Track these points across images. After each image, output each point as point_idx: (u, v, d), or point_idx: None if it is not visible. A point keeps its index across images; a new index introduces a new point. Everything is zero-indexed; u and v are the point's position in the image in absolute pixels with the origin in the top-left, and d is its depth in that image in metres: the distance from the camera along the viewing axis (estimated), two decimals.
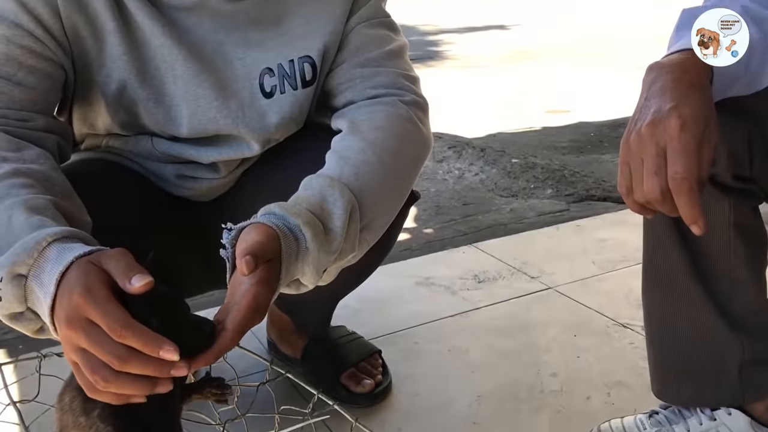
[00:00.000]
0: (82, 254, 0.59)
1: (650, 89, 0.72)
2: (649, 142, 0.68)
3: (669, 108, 0.67)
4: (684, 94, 0.69)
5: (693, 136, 0.66)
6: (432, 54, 6.63)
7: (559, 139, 3.16)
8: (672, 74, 0.71)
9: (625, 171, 0.72)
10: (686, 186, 0.66)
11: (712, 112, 0.70)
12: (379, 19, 0.95)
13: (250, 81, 0.90)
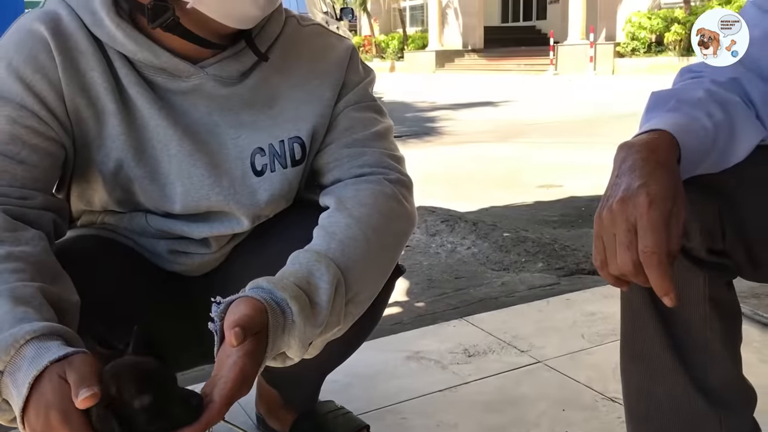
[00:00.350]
0: (56, 358, 0.63)
1: (621, 167, 0.76)
2: (621, 218, 0.71)
3: (638, 186, 0.71)
4: (652, 172, 0.73)
5: (661, 212, 0.70)
6: (428, 130, 6.78)
7: (551, 214, 3.20)
8: (640, 153, 0.75)
9: (599, 245, 0.75)
10: (656, 260, 0.69)
11: (680, 189, 0.73)
12: (366, 102, 1.00)
13: (242, 160, 0.94)
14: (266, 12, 0.89)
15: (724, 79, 0.87)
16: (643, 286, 0.73)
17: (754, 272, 0.91)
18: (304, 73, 0.97)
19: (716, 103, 0.83)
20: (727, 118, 0.82)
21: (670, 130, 0.77)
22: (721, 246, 0.87)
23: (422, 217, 3.14)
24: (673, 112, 0.82)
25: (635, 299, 0.94)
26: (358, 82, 0.99)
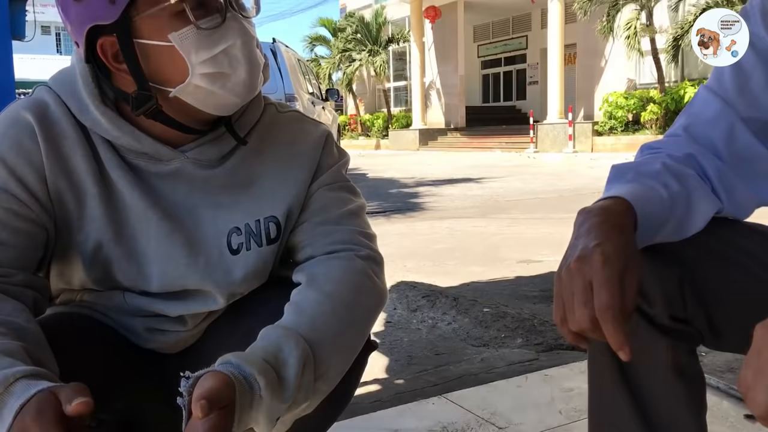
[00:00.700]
0: (42, 389, 0.65)
1: (579, 230, 0.80)
2: (578, 276, 0.74)
3: (593, 245, 0.75)
4: (607, 233, 0.77)
5: (614, 269, 0.73)
6: (411, 206, 6.87)
7: (530, 289, 3.24)
8: (597, 217, 0.79)
9: (559, 303, 0.77)
10: (610, 315, 0.72)
11: (633, 249, 0.77)
12: (340, 183, 1.04)
13: (219, 239, 0.97)
14: (246, 100, 0.94)
15: (681, 155, 0.93)
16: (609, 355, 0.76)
17: (716, 341, 0.94)
18: (281, 157, 1.02)
19: (673, 175, 0.88)
20: (684, 189, 0.87)
21: (627, 197, 0.82)
22: (683, 314, 0.90)
23: (403, 292, 3.16)
24: (631, 182, 0.87)
25: (601, 367, 0.95)
26: (332, 164, 1.04)
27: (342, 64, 23.49)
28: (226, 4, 0.89)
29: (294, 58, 8.66)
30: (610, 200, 0.82)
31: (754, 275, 0.89)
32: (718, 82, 0.95)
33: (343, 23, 23.86)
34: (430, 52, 22.27)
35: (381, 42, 22.53)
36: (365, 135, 24.28)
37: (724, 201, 0.91)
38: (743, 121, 0.92)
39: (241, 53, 0.89)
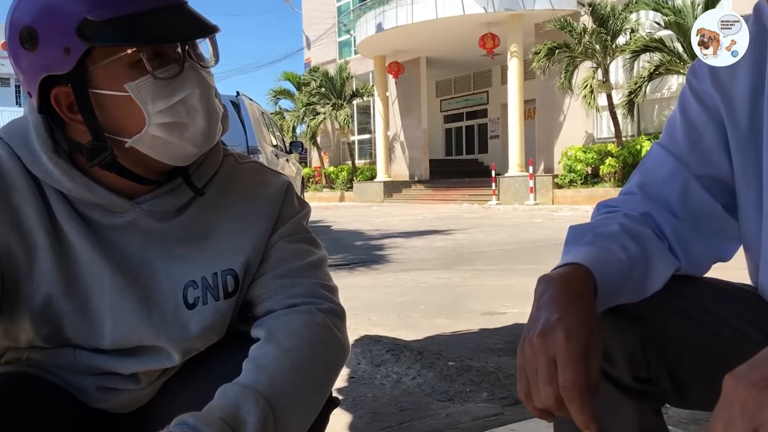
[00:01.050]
0: None
1: (540, 300, 0.79)
2: (541, 351, 0.73)
3: (556, 319, 0.74)
4: (569, 305, 0.75)
5: (577, 345, 0.72)
6: (375, 258, 6.85)
7: (495, 341, 3.22)
8: (557, 287, 0.78)
9: (522, 378, 0.76)
10: (575, 393, 0.70)
11: (596, 321, 0.76)
12: (300, 235, 1.03)
13: (174, 293, 0.94)
14: (204, 149, 0.93)
15: (637, 214, 0.93)
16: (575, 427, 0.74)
17: (680, 399, 0.93)
18: (240, 208, 1.00)
19: (630, 236, 0.88)
20: (642, 250, 0.87)
21: (586, 263, 0.81)
22: (646, 373, 0.89)
23: (367, 346, 3.11)
24: (589, 245, 0.87)
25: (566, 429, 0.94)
26: (292, 215, 1.03)
27: (306, 117, 23.72)
28: (184, 54, 0.88)
29: (258, 111, 8.70)
30: (569, 267, 0.81)
31: (715, 331, 0.89)
32: (671, 140, 0.97)
33: (308, 77, 24.17)
34: (394, 106, 22.64)
35: (345, 96, 22.85)
36: (330, 187, 24.37)
37: (681, 259, 0.92)
38: (697, 179, 0.93)
39: (199, 103, 0.88)
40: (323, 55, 26.42)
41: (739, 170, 0.92)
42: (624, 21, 14.23)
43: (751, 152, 0.89)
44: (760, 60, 0.88)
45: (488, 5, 16.51)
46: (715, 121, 0.93)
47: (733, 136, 0.91)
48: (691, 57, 12.72)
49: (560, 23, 14.78)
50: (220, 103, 0.93)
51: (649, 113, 15.83)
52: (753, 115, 0.89)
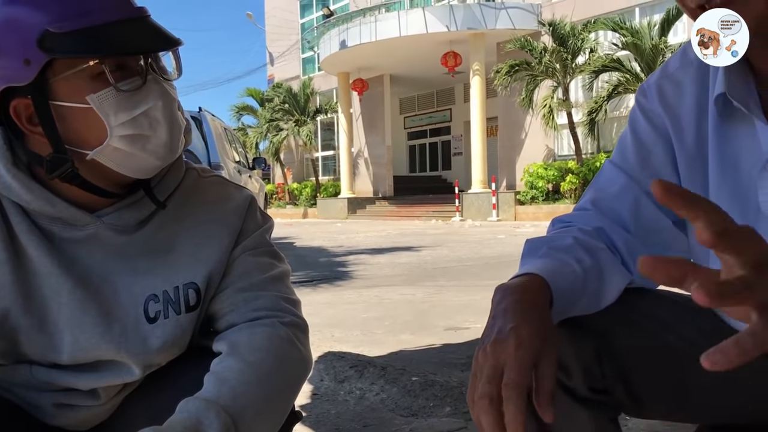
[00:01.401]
0: None
1: (496, 309, 0.80)
2: (491, 358, 0.73)
3: (509, 328, 0.75)
4: (523, 314, 0.76)
5: (528, 351, 0.72)
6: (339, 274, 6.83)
7: (458, 356, 3.23)
8: (513, 296, 0.80)
9: (473, 383, 0.75)
10: (515, 392, 0.70)
11: (550, 331, 0.77)
12: (263, 248, 1.03)
13: (135, 307, 0.93)
14: (166, 162, 0.93)
15: (591, 228, 0.96)
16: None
17: (635, 409, 0.95)
18: (203, 221, 1.00)
19: (584, 249, 0.90)
20: (595, 263, 0.89)
21: (542, 274, 0.83)
22: (601, 384, 0.91)
23: (331, 363, 3.10)
24: (544, 257, 0.89)
25: None
26: (255, 229, 1.03)
27: (269, 134, 23.63)
28: (147, 67, 0.88)
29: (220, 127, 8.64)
30: (525, 277, 0.83)
31: (667, 342, 0.91)
32: (622, 157, 1.00)
33: (271, 93, 24.13)
34: (358, 123, 22.71)
35: (309, 112, 22.85)
36: (293, 204, 24.27)
37: (633, 272, 0.94)
38: (647, 195, 0.96)
39: (162, 115, 0.88)
40: (287, 72, 26.42)
41: (687, 186, 0.94)
42: (583, 41, 14.55)
43: (698, 169, 0.93)
44: (704, 80, 0.92)
45: (451, 24, 16.73)
46: (663, 138, 0.96)
47: (680, 153, 0.94)
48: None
49: (521, 43, 15.05)
50: (182, 115, 0.93)
51: (608, 131, 16.17)
52: (699, 134, 0.92)
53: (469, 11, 16.87)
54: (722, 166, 0.89)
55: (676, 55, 0.98)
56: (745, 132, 0.86)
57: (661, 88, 0.96)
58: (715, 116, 0.89)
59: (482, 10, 16.83)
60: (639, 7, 15.32)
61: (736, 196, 0.88)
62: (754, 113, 0.83)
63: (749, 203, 0.86)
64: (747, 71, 0.85)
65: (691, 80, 0.93)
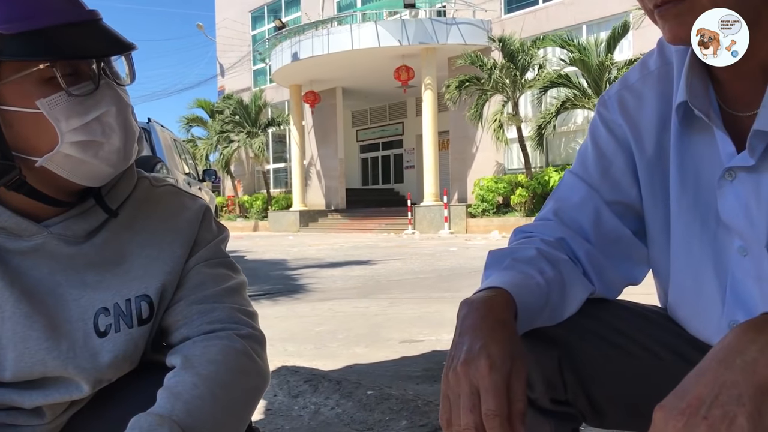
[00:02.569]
0: None
1: (463, 325, 0.79)
2: (464, 380, 0.73)
3: (479, 348, 0.74)
4: (491, 332, 0.76)
5: (501, 374, 0.73)
6: (291, 288, 6.77)
7: (414, 369, 3.22)
8: (480, 311, 0.79)
9: (445, 404, 0.76)
10: (497, 422, 0.71)
11: (518, 347, 0.77)
12: (219, 259, 1.00)
13: (85, 321, 0.89)
14: (119, 169, 0.89)
15: (553, 239, 0.96)
16: None
17: (598, 419, 0.96)
18: (155, 231, 0.96)
19: (547, 261, 0.90)
20: (558, 274, 0.89)
21: (507, 287, 0.82)
22: (563, 396, 0.91)
23: (284, 377, 3.05)
24: (508, 270, 0.88)
25: None
26: (210, 239, 1.00)
27: (220, 145, 23.36)
28: (100, 71, 0.85)
29: (170, 138, 8.50)
30: (491, 291, 0.83)
31: (628, 352, 0.92)
32: (583, 168, 1.01)
33: (221, 105, 23.88)
34: (310, 135, 22.65)
35: (260, 124, 22.68)
36: (243, 216, 24.01)
37: (595, 283, 0.95)
38: (608, 205, 0.97)
39: (116, 121, 0.85)
40: (238, 83, 26.20)
41: (647, 197, 0.96)
42: (532, 57, 14.84)
43: (658, 180, 0.94)
44: (666, 93, 0.93)
45: (403, 38, 16.87)
46: (624, 149, 0.97)
47: (640, 164, 0.95)
48: (595, 92, 13.38)
49: (472, 58, 15.26)
50: (136, 122, 0.90)
51: (557, 146, 16.50)
52: (659, 144, 0.93)
53: (421, 26, 17.04)
54: (683, 175, 0.90)
55: (635, 67, 1.00)
56: (704, 141, 0.88)
57: (622, 99, 0.97)
58: (677, 125, 0.90)
59: (434, 25, 17.02)
60: (586, 24, 15.72)
61: (697, 205, 0.89)
62: (714, 122, 0.84)
63: (709, 211, 0.88)
64: (707, 81, 0.87)
65: (652, 91, 0.95)
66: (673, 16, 0.78)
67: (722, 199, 0.85)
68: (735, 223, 0.84)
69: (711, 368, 0.59)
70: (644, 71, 0.97)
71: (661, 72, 0.95)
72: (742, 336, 0.60)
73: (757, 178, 0.81)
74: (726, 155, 0.84)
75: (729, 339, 0.61)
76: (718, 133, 0.85)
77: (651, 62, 0.97)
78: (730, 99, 0.86)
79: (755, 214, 0.82)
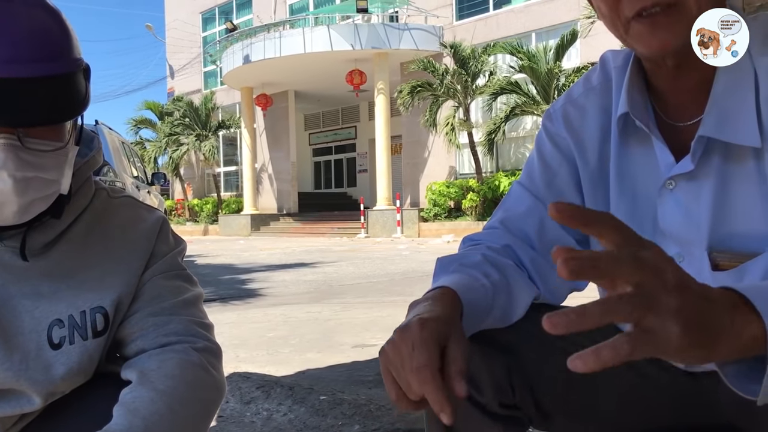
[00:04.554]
0: None
1: (407, 315, 0.81)
2: (401, 344, 0.73)
3: (414, 316, 0.76)
4: (430, 307, 0.78)
5: (432, 332, 0.73)
6: (242, 293, 6.71)
7: (366, 373, 3.24)
8: (425, 302, 0.81)
9: (389, 379, 0.74)
10: (428, 373, 0.70)
11: (455, 319, 0.79)
12: (175, 271, 1.00)
13: (38, 333, 0.89)
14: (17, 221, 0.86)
15: (499, 246, 1.00)
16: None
17: (545, 423, 0.99)
18: (112, 243, 0.96)
19: (492, 265, 0.94)
20: (503, 278, 0.93)
21: (452, 286, 0.85)
22: (512, 400, 0.94)
23: (236, 384, 3.03)
24: (455, 273, 0.91)
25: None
26: (167, 252, 1.00)
27: (169, 148, 22.97)
28: None
29: (118, 141, 8.34)
30: (437, 290, 0.85)
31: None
32: (529, 179, 1.05)
33: (171, 107, 23.50)
34: (262, 138, 22.46)
35: (210, 127, 22.39)
36: (193, 220, 23.65)
37: (540, 288, 0.98)
38: None
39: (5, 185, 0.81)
40: (188, 85, 25.81)
41: (590, 206, 1.00)
42: (483, 63, 15.04)
43: (600, 191, 0.98)
44: (607, 106, 0.98)
45: (355, 43, 16.90)
46: (568, 161, 1.01)
47: (584, 175, 1.00)
48: (544, 99, 13.65)
49: (424, 63, 15.38)
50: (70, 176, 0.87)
51: (507, 151, 16.75)
52: (601, 156, 0.98)
53: (374, 30, 17.09)
54: (621, 185, 0.95)
55: (579, 82, 1.04)
56: (643, 152, 0.92)
57: (566, 113, 1.02)
58: (617, 137, 0.94)
59: (386, 30, 17.09)
60: (535, 32, 16.01)
61: (634, 214, 0.94)
62: (653, 133, 0.89)
63: (646, 220, 0.92)
64: (647, 94, 0.92)
65: (594, 105, 0.99)
66: (663, 25, 0.80)
67: (662, 207, 0.90)
68: (674, 230, 0.89)
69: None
70: (587, 86, 1.02)
71: (603, 87, 0.99)
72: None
73: (697, 184, 0.86)
74: (665, 165, 0.89)
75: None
76: (657, 143, 0.89)
77: (593, 77, 1.02)
78: (670, 110, 0.91)
79: (695, 218, 0.86)
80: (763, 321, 0.57)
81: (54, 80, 0.80)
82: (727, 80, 0.83)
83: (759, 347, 0.57)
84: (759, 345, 0.57)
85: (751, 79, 0.82)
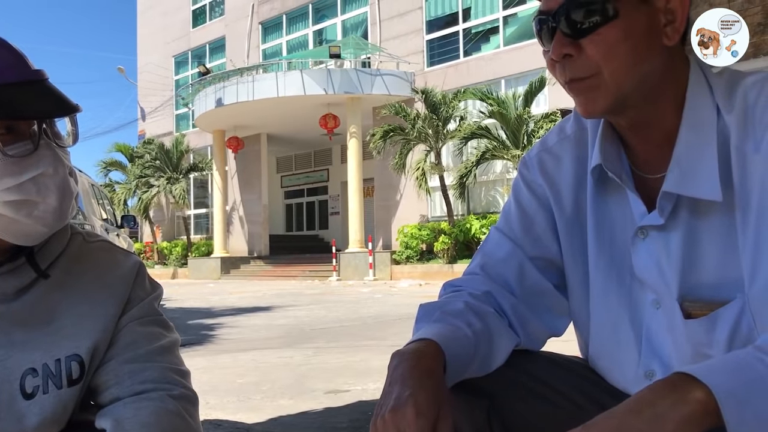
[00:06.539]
0: None
1: (393, 375, 0.82)
2: (392, 426, 0.76)
3: (407, 396, 0.77)
4: (420, 381, 0.79)
5: (427, 419, 0.75)
6: (211, 338, 6.61)
7: (340, 420, 3.19)
8: (409, 362, 0.82)
9: None
10: None
11: (446, 397, 0.80)
12: (152, 317, 0.99)
13: (10, 383, 0.87)
14: (54, 229, 0.88)
15: (480, 293, 1.01)
16: None
17: None
18: (88, 289, 0.95)
19: (475, 314, 0.95)
20: (485, 327, 0.94)
21: (436, 339, 0.86)
22: None
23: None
24: (438, 322, 0.92)
25: None
26: (144, 297, 0.99)
27: (138, 190, 22.78)
28: (40, 132, 0.84)
29: (87, 183, 8.25)
30: (421, 342, 0.86)
31: (553, 402, 0.96)
32: (507, 225, 1.06)
33: (142, 150, 23.40)
34: (233, 181, 22.40)
35: (182, 169, 22.29)
36: (162, 263, 23.34)
37: (520, 334, 0.99)
38: (530, 260, 1.03)
39: (53, 182, 0.85)
40: (159, 128, 25.76)
41: (566, 252, 1.02)
42: (454, 109, 15.30)
43: (576, 237, 1.00)
44: (581, 156, 1.00)
45: (328, 87, 17.08)
46: (544, 207, 1.03)
47: (560, 222, 1.02)
48: (514, 144, 13.88)
49: (395, 108, 15.59)
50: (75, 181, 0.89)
51: (478, 194, 16.92)
52: (577, 204, 1.00)
53: (346, 76, 17.32)
54: (599, 233, 0.97)
55: (553, 131, 1.07)
56: (618, 201, 0.95)
57: (542, 161, 1.04)
58: (592, 186, 0.97)
59: (359, 76, 17.33)
60: (504, 79, 16.36)
61: (613, 261, 0.95)
62: (626, 184, 0.91)
63: (624, 267, 0.94)
64: (620, 146, 0.94)
65: (569, 154, 1.02)
66: (580, 92, 0.86)
67: (636, 255, 0.92)
68: (648, 278, 0.91)
69: (620, 413, 0.64)
70: (561, 135, 1.05)
71: (577, 136, 1.02)
72: (656, 391, 0.65)
73: (666, 236, 0.89)
74: (638, 215, 0.91)
75: (644, 392, 0.66)
76: (630, 194, 0.92)
77: (567, 127, 1.05)
78: (640, 162, 0.94)
79: (666, 269, 0.89)
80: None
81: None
82: (690, 136, 0.86)
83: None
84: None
85: (713, 135, 0.85)
